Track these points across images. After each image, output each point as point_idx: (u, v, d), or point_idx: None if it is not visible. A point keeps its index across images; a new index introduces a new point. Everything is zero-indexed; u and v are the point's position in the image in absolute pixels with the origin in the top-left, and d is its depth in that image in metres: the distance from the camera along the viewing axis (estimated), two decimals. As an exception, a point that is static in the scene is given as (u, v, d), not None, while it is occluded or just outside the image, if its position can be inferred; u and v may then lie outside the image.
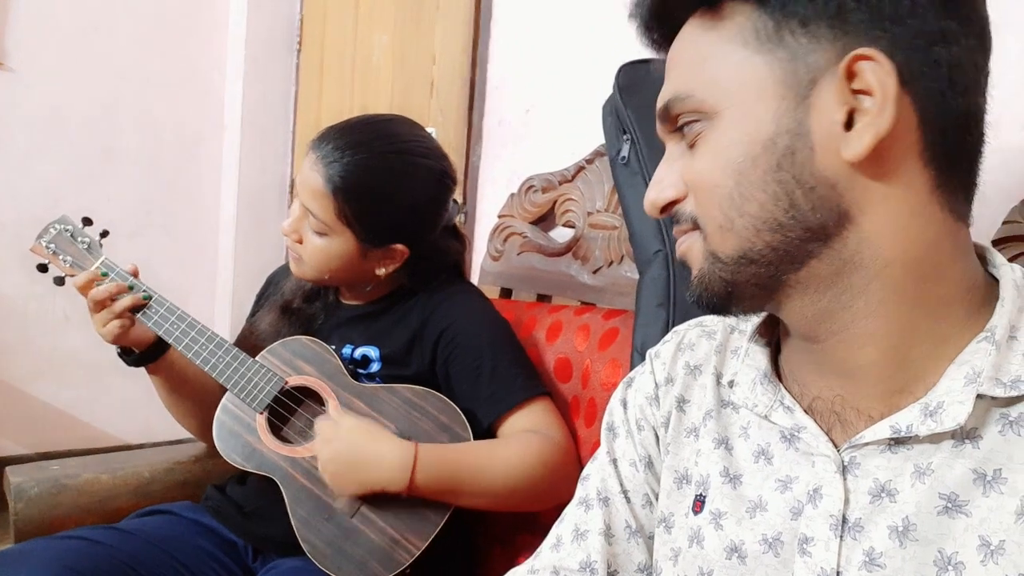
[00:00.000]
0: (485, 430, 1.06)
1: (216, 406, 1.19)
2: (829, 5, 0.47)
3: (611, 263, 1.25)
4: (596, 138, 1.34)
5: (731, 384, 0.59)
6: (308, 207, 1.04)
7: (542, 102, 1.53)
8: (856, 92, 0.47)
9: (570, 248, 1.33)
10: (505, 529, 1.15)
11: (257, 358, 1.09)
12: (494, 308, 1.15)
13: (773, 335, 0.60)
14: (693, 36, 0.52)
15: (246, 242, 2.44)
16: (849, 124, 0.47)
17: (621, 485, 0.66)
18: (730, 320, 0.64)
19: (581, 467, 1.05)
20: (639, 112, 1.11)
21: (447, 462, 0.97)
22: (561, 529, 0.68)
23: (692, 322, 0.68)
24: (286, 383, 1.08)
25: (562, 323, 1.18)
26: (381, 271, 1.09)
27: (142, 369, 1.17)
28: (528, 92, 1.56)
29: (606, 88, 1.19)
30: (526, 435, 1.02)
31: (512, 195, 1.48)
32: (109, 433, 2.40)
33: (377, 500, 0.99)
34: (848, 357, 0.51)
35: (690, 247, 0.54)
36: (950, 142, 0.48)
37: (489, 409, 1.06)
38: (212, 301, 2.49)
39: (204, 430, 1.26)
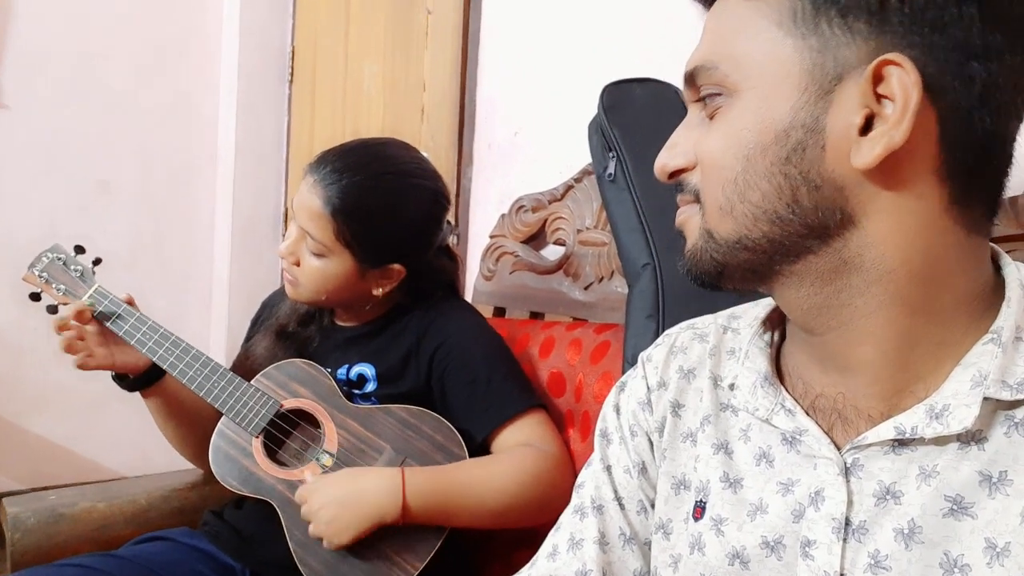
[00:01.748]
0: (480, 444, 1.06)
1: (212, 430, 1.20)
2: (872, 0, 0.45)
3: (602, 279, 1.27)
4: (583, 158, 1.35)
5: (731, 387, 0.59)
6: (306, 229, 1.06)
7: (530, 125, 1.56)
8: (880, 97, 0.46)
9: (561, 265, 1.34)
10: (504, 546, 1.15)
11: (252, 382, 1.10)
12: (488, 324, 1.16)
13: (776, 330, 0.59)
14: (732, 3, 0.51)
15: (240, 270, 2.45)
16: (867, 128, 0.46)
17: (615, 492, 0.66)
18: (721, 320, 0.65)
19: (575, 477, 1.05)
20: (624, 129, 1.13)
21: (438, 483, 0.98)
22: (557, 538, 0.68)
23: (683, 325, 0.68)
24: (281, 406, 1.08)
25: (554, 338, 1.19)
26: (378, 291, 1.10)
27: (138, 400, 1.18)
28: (516, 116, 1.59)
29: (591, 110, 1.22)
30: (520, 450, 1.03)
31: (503, 216, 1.49)
32: (105, 466, 2.39)
33: (374, 521, 0.99)
34: (847, 353, 0.51)
35: (688, 218, 0.54)
36: (972, 161, 0.47)
37: (483, 422, 1.06)
38: (207, 328, 2.49)
39: (201, 455, 1.26)
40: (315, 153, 1.12)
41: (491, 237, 1.50)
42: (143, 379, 1.15)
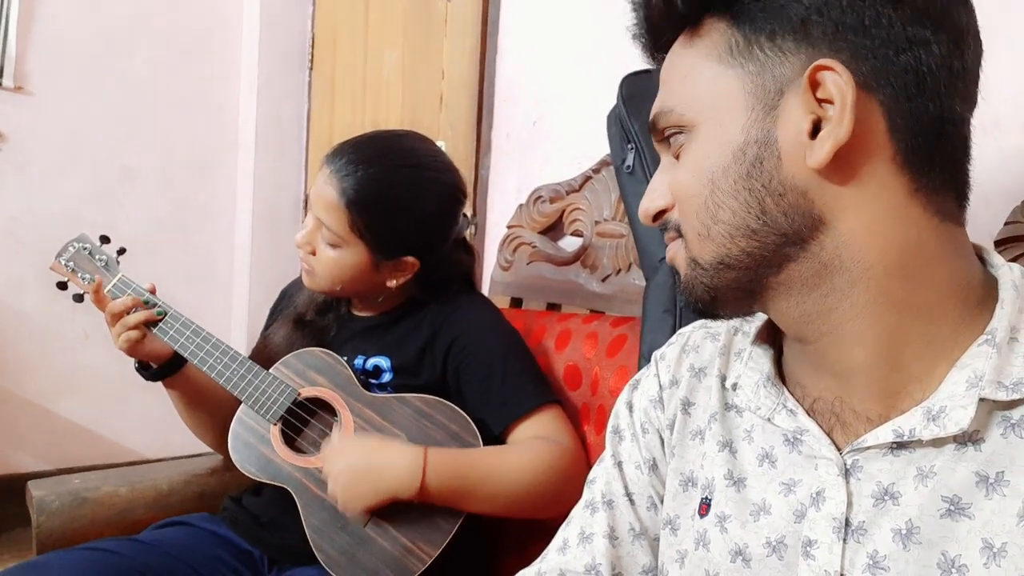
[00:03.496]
0: (495, 437, 1.07)
1: (231, 418, 1.21)
2: (794, 19, 0.49)
3: (619, 271, 1.26)
4: (602, 149, 1.35)
5: (735, 387, 0.60)
6: (322, 219, 1.06)
7: (549, 114, 1.55)
8: (821, 101, 0.48)
9: (578, 257, 1.34)
10: (518, 537, 1.15)
11: (270, 370, 1.11)
12: (504, 317, 1.16)
13: (776, 337, 0.60)
14: (678, 53, 0.55)
15: (260, 258, 2.47)
16: (815, 132, 0.48)
17: (626, 488, 0.67)
18: (734, 321, 0.65)
19: (589, 470, 1.06)
20: (643, 121, 1.12)
21: (457, 466, 0.99)
22: (567, 532, 0.68)
23: (697, 324, 0.68)
24: (299, 394, 1.09)
25: (571, 331, 1.19)
26: (392, 283, 1.10)
27: (160, 385, 1.20)
28: (535, 105, 1.58)
29: (611, 100, 1.21)
30: (536, 441, 1.03)
31: (521, 206, 1.49)
32: (129, 448, 2.43)
33: (389, 508, 0.99)
34: (840, 358, 0.52)
35: (676, 253, 0.56)
36: (924, 145, 0.49)
37: (499, 416, 1.07)
38: (228, 316, 2.52)
39: (221, 442, 1.27)
40: (334, 142, 1.13)
41: (508, 227, 1.50)
42: (165, 368, 1.17)
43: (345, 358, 1.13)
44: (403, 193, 1.06)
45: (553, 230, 1.44)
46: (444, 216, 1.11)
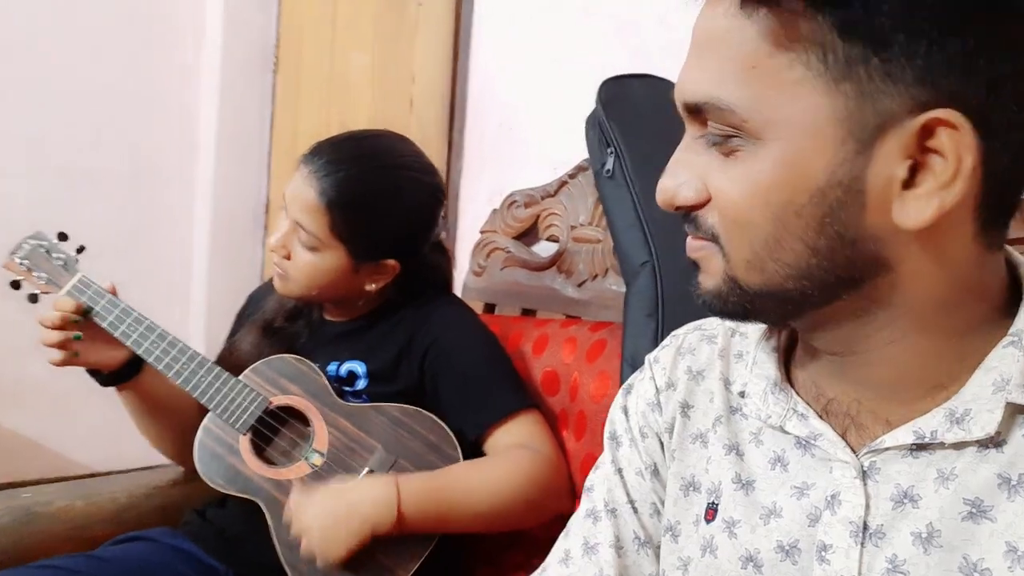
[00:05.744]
0: (472, 443, 1.05)
1: (193, 426, 1.16)
2: (921, 49, 0.41)
3: (595, 276, 1.25)
4: (577, 153, 1.34)
5: (742, 395, 0.58)
6: (299, 222, 1.03)
7: (522, 119, 1.53)
8: (927, 149, 0.43)
9: (554, 262, 1.33)
10: (492, 548, 1.13)
11: (240, 377, 1.07)
12: (482, 322, 1.14)
13: (780, 337, 0.58)
14: (741, 27, 0.44)
15: (220, 262, 2.40)
16: (909, 181, 0.43)
17: (628, 495, 0.64)
18: (729, 323, 0.63)
19: (571, 481, 1.04)
20: (623, 126, 1.12)
21: (433, 489, 0.96)
22: (569, 543, 0.66)
23: (690, 326, 0.67)
24: (270, 403, 1.05)
25: (548, 336, 1.18)
26: (371, 286, 1.07)
27: (113, 394, 1.14)
28: (508, 109, 1.56)
29: (586, 104, 1.20)
30: (513, 451, 1.01)
31: (494, 211, 1.47)
32: (78, 461, 2.33)
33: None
34: (868, 375, 0.51)
35: (708, 257, 0.50)
36: (1007, 194, 0.46)
37: (476, 422, 1.04)
38: (186, 321, 2.43)
39: (181, 452, 1.23)
40: (299, 146, 1.10)
41: (482, 232, 1.48)
42: (121, 373, 1.12)
43: (317, 364, 1.10)
44: (386, 194, 1.04)
45: (528, 235, 1.43)
46: (426, 217, 1.09)
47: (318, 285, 1.06)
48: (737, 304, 0.50)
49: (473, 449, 1.04)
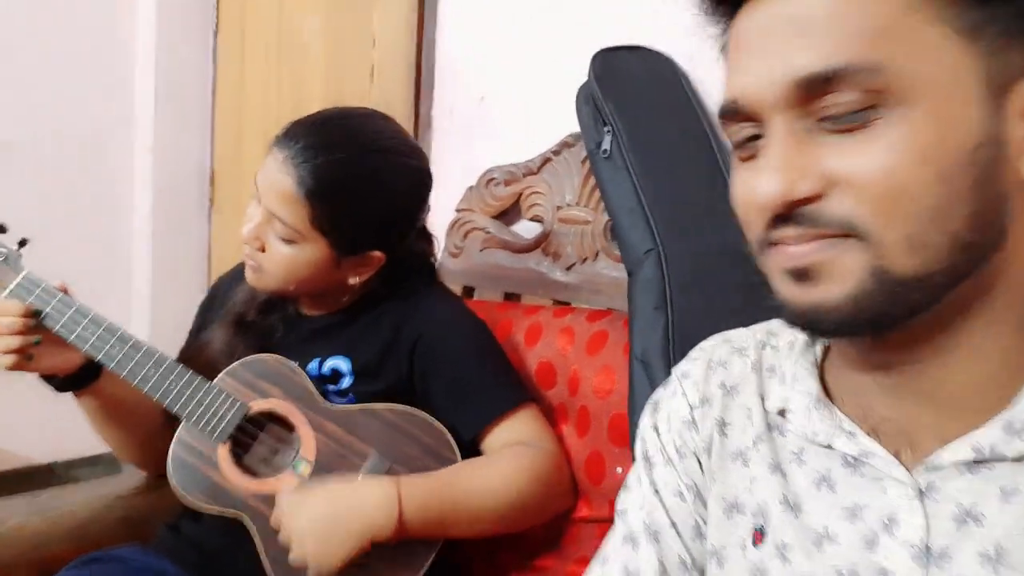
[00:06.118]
0: (469, 442, 0.99)
1: (158, 430, 1.07)
2: None
3: (585, 259, 1.19)
4: (561, 127, 1.27)
5: (782, 412, 0.55)
6: (275, 212, 0.94)
7: (498, 89, 1.45)
8: None
9: (539, 244, 1.27)
10: (491, 548, 1.08)
11: (215, 382, 0.98)
12: (471, 311, 1.08)
13: (817, 351, 0.56)
14: None
15: (164, 242, 2.25)
16: None
17: (669, 517, 0.61)
18: (759, 335, 0.61)
19: (573, 478, 1.00)
20: (619, 102, 1.06)
21: (435, 492, 0.90)
22: (607, 570, 0.62)
23: (716, 338, 0.64)
24: (249, 409, 0.97)
25: (542, 325, 1.12)
26: (354, 280, 1.00)
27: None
28: (482, 79, 1.47)
29: (571, 74, 1.13)
30: (514, 450, 0.96)
31: (471, 188, 1.39)
32: (10, 451, 2.18)
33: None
34: (934, 383, 0.48)
35: (834, 259, 0.44)
36: None
37: (472, 421, 0.99)
38: (127, 309, 2.28)
39: (145, 457, 1.14)
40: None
41: (457, 211, 1.40)
42: (78, 378, 1.02)
43: (296, 363, 1.02)
44: (370, 181, 0.95)
45: (507, 215, 1.36)
46: (413, 205, 1.01)
47: (296, 279, 0.98)
48: (882, 305, 0.44)
49: (468, 448, 0.99)
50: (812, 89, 0.44)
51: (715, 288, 0.93)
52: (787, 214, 0.45)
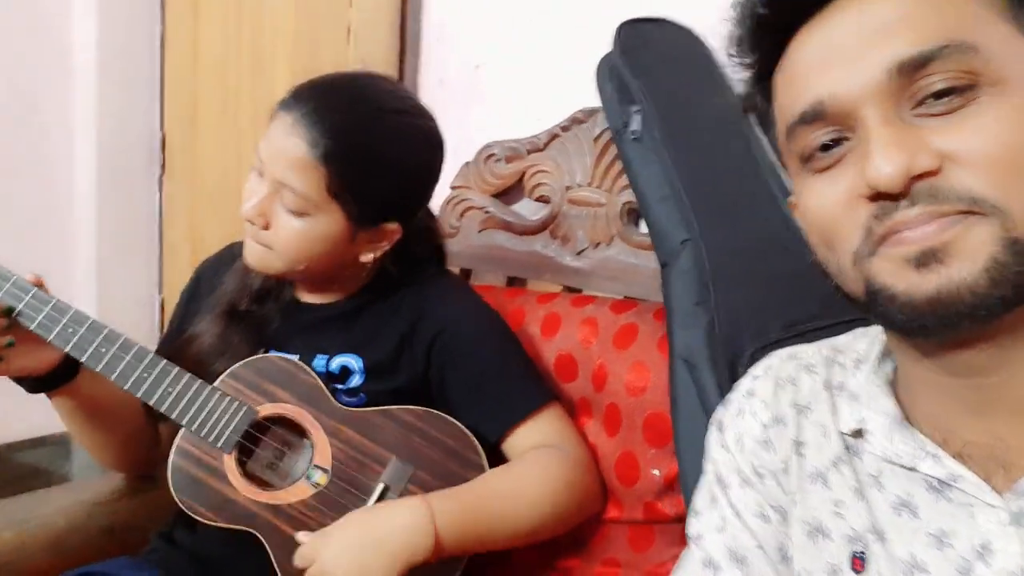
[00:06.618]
0: (490, 445, 0.93)
1: (140, 429, 1.00)
2: None
3: (598, 244, 1.14)
4: (568, 102, 1.20)
5: (859, 433, 0.54)
6: (285, 182, 0.86)
7: (495, 58, 1.36)
8: None
9: (546, 226, 1.20)
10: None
11: (217, 384, 0.89)
12: (487, 303, 1.01)
13: (888, 370, 0.55)
14: None
15: (110, 213, 2.09)
16: None
17: (755, 539, 0.59)
18: (825, 351, 0.60)
19: (602, 480, 0.96)
20: (648, 80, 0.99)
21: (468, 507, 0.84)
22: None
23: (781, 354, 0.63)
24: (257, 414, 0.89)
25: (559, 315, 1.06)
26: (368, 256, 0.92)
27: None
28: (477, 46, 1.38)
29: (578, 42, 1.06)
30: (543, 455, 0.91)
31: (467, 164, 1.31)
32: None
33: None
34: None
35: (962, 235, 0.43)
36: None
37: (496, 422, 0.93)
38: (69, 283, 2.12)
39: (127, 459, 1.06)
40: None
41: (452, 188, 1.33)
42: (54, 377, 0.91)
43: (298, 356, 0.94)
44: (389, 142, 0.89)
45: (508, 194, 1.29)
46: (430, 170, 0.95)
47: (307, 257, 0.90)
48: (1019, 276, 0.43)
49: (490, 452, 0.93)
50: (910, 73, 0.45)
51: (758, 281, 0.88)
52: (903, 195, 0.44)
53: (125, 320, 2.10)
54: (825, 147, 0.48)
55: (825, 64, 0.47)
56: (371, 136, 0.88)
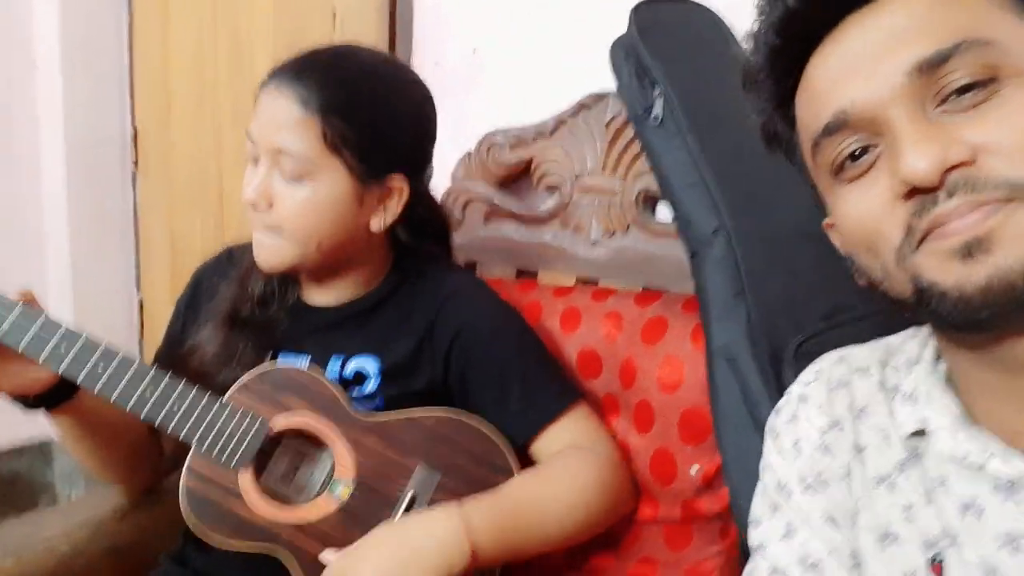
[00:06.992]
0: (518, 448, 0.90)
1: (144, 443, 0.96)
2: None
3: (614, 233, 1.10)
4: (574, 87, 1.15)
5: (919, 434, 0.53)
6: (280, 146, 0.83)
7: (494, 41, 1.31)
8: None
9: (556, 215, 1.16)
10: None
11: (226, 399, 0.84)
12: (506, 301, 0.97)
13: (944, 369, 0.54)
14: None
15: (83, 212, 2.00)
16: None
17: (826, 546, 0.57)
18: (878, 354, 0.59)
19: (634, 479, 0.92)
20: (667, 62, 0.95)
21: (503, 516, 0.80)
22: None
23: (831, 357, 0.62)
24: (271, 429, 0.84)
25: (579, 309, 1.02)
26: (378, 223, 0.88)
27: None
28: (475, 28, 1.32)
29: (583, 23, 1.01)
30: (576, 457, 0.87)
31: (468, 154, 1.26)
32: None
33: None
34: None
35: (1006, 221, 0.43)
36: None
37: (524, 424, 0.90)
38: (43, 287, 2.02)
39: (131, 476, 1.01)
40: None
41: (453, 179, 1.27)
42: (53, 394, 0.85)
43: (310, 359, 0.89)
44: (381, 89, 0.87)
45: (514, 183, 1.24)
46: (426, 118, 0.93)
47: (317, 230, 0.85)
48: None
49: (515, 453, 0.89)
50: (930, 72, 0.45)
51: (791, 270, 0.85)
52: (938, 188, 0.44)
53: (103, 322, 2.03)
54: (854, 156, 0.48)
55: (845, 76, 0.48)
56: (361, 84, 0.86)
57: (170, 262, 1.97)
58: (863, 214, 0.48)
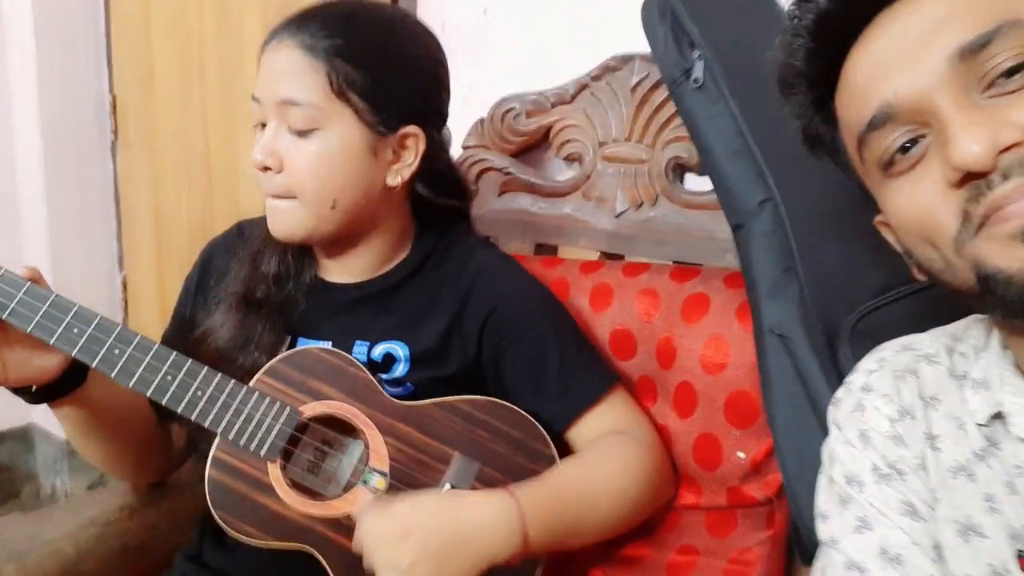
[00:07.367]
0: (556, 434, 0.85)
1: (152, 434, 0.90)
2: None
3: (641, 204, 1.05)
4: (594, 49, 1.10)
5: (998, 417, 0.51)
6: (287, 97, 0.78)
7: (509, 3, 1.24)
8: None
9: (577, 187, 1.11)
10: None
11: (253, 385, 0.78)
12: (536, 278, 0.92)
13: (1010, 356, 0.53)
14: None
15: (60, 185, 1.91)
16: None
17: (908, 537, 0.54)
18: (944, 340, 0.58)
19: (674, 464, 0.89)
20: (705, 24, 0.90)
21: (555, 502, 0.75)
22: None
23: (894, 345, 0.60)
24: (301, 415, 0.78)
25: (610, 286, 0.98)
26: (395, 179, 0.83)
27: None
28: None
29: None
30: (617, 443, 0.83)
31: (481, 120, 1.20)
32: None
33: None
34: None
35: None
36: None
37: (562, 411, 0.85)
38: (19, 262, 1.93)
39: (140, 470, 0.95)
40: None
41: (465, 148, 1.21)
42: (59, 385, 0.79)
43: (331, 343, 0.84)
44: (389, 33, 0.83)
45: (531, 152, 1.19)
46: (439, 65, 0.88)
47: (332, 186, 0.80)
48: None
49: (552, 439, 0.85)
50: (972, 57, 0.45)
51: (841, 242, 0.81)
52: (991, 172, 0.44)
53: (84, 302, 1.94)
54: (903, 149, 0.48)
55: (885, 70, 0.48)
56: (366, 28, 0.82)
57: (155, 238, 1.89)
58: (917, 206, 0.48)
